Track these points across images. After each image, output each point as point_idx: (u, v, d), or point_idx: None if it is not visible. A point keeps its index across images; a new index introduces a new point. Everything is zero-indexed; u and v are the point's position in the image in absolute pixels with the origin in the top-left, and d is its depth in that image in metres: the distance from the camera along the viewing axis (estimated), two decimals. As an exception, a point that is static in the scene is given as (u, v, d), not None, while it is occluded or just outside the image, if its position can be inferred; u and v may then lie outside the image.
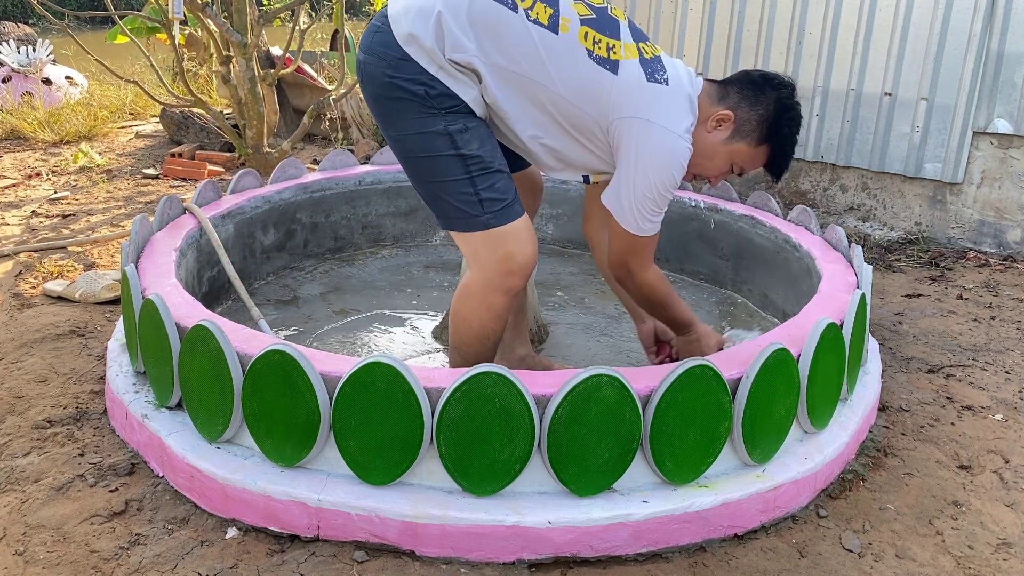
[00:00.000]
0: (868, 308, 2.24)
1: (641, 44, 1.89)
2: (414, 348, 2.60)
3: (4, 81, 6.47)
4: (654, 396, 1.69)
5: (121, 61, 6.87)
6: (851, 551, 1.75)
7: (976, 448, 2.16)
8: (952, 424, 2.28)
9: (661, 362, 2.28)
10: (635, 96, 1.83)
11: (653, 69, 1.87)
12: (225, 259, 2.61)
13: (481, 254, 1.89)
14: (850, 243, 2.57)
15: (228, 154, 5.10)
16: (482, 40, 1.80)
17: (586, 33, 1.83)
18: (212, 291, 2.74)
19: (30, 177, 4.77)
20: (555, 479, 1.69)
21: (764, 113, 1.92)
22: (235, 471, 1.73)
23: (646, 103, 1.83)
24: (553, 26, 1.82)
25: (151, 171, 4.93)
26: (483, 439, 1.65)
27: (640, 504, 1.68)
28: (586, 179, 2.06)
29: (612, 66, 1.84)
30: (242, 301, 2.58)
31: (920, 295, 3.24)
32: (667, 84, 1.86)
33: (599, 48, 1.84)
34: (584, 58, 1.82)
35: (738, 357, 1.85)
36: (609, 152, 1.91)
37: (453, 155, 1.83)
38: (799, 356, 1.89)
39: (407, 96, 1.82)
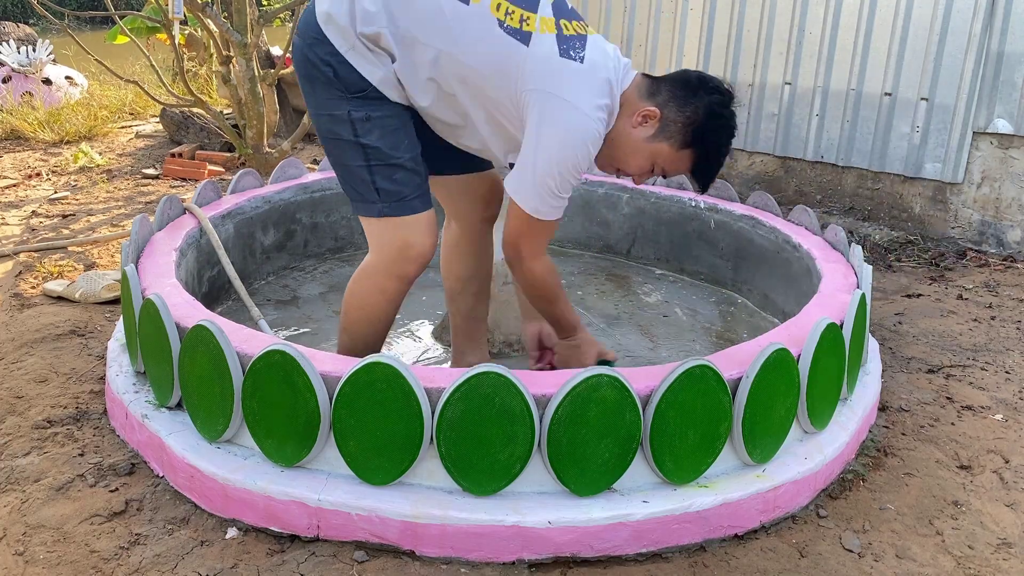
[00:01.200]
0: (868, 308, 2.24)
1: (563, 21, 1.82)
2: (414, 348, 2.60)
3: (4, 81, 6.47)
4: (654, 396, 1.69)
5: (121, 61, 6.87)
6: (851, 551, 1.75)
7: (976, 448, 2.16)
8: (952, 424, 2.28)
9: (540, 369, 2.17)
10: (544, 69, 1.76)
11: (569, 46, 1.79)
12: (225, 259, 2.61)
13: (379, 239, 1.93)
14: (850, 243, 2.57)
15: (228, 154, 5.10)
16: (392, 10, 1.78)
17: (499, 4, 1.79)
18: (212, 291, 2.74)
19: (30, 177, 4.76)
20: (555, 479, 1.69)
21: (692, 117, 1.82)
22: (235, 471, 1.73)
23: (554, 77, 1.75)
24: None
25: (151, 171, 4.93)
26: (483, 439, 1.65)
27: (640, 504, 1.69)
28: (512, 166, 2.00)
29: (524, 37, 1.78)
30: (242, 301, 2.58)
31: (920, 295, 3.24)
32: (581, 63, 1.77)
33: (511, 19, 1.78)
34: (495, 28, 1.77)
35: (738, 357, 1.85)
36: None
37: (354, 142, 1.86)
38: (799, 356, 1.89)
39: (319, 76, 1.85)
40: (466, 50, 1.78)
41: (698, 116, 1.82)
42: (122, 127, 6.34)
